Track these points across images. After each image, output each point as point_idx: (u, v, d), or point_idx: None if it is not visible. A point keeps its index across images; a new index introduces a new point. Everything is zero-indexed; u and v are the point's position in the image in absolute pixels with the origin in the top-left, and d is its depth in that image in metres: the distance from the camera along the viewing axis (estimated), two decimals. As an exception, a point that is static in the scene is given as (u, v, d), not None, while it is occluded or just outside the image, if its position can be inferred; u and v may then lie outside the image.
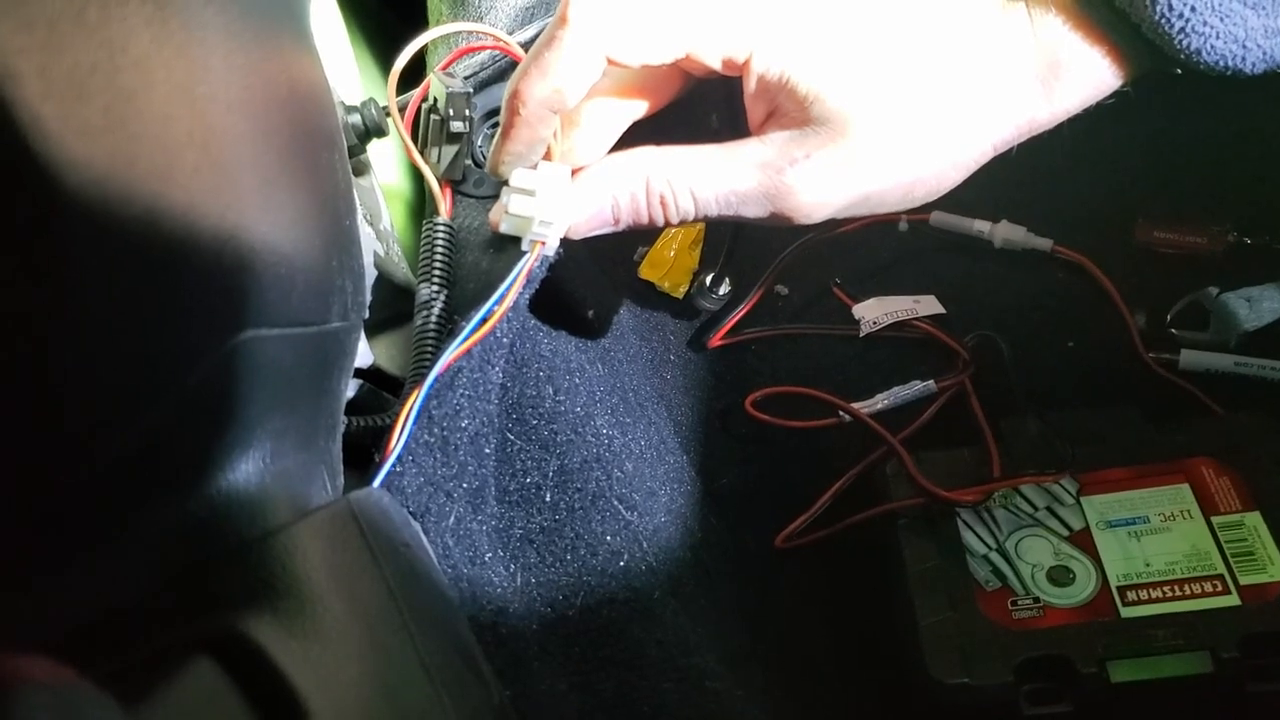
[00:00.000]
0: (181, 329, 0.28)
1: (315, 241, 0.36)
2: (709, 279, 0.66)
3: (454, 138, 0.50)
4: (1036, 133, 0.46)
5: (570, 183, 0.45)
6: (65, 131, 0.21)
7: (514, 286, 0.46)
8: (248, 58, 0.30)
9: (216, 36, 0.28)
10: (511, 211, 0.45)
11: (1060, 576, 0.54)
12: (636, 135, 0.47)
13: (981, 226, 0.67)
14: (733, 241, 0.62)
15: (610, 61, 0.42)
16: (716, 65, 0.43)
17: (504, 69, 0.55)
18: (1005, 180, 0.69)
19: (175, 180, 0.25)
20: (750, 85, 0.43)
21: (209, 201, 0.27)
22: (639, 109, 0.46)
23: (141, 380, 0.27)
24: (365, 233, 0.49)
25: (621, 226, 0.46)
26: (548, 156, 0.45)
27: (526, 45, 0.52)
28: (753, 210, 0.45)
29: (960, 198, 0.68)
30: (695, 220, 0.46)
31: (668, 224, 0.46)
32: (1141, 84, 0.70)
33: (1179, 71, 0.43)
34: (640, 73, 0.45)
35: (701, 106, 0.52)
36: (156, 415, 0.29)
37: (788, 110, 0.43)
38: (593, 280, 0.60)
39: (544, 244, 0.46)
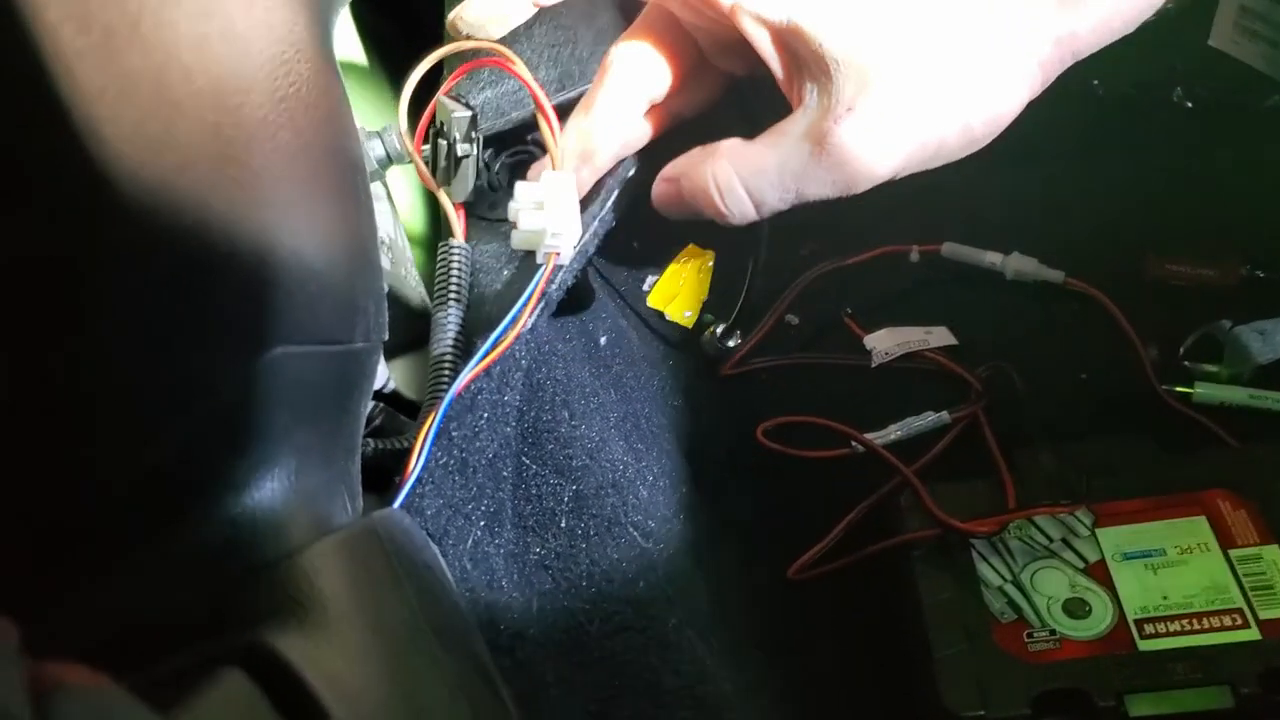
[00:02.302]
0: (217, 342, 0.28)
1: (342, 261, 0.36)
2: (720, 329, 0.66)
3: (462, 161, 0.50)
4: (1083, 54, 0.44)
5: (575, 190, 0.46)
6: (120, 137, 0.21)
7: (530, 303, 0.46)
8: (287, 76, 0.30)
9: (259, 51, 0.28)
10: (522, 227, 0.45)
11: (1076, 609, 0.53)
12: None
13: (993, 258, 0.67)
14: (745, 296, 0.62)
15: None
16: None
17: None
18: (1017, 212, 0.70)
19: (220, 192, 0.25)
20: (764, 46, 0.42)
21: (250, 215, 0.27)
22: (655, 94, 0.46)
23: (175, 393, 0.27)
24: (383, 256, 0.49)
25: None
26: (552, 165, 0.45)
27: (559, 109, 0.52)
28: (815, 187, 0.44)
29: (972, 229, 0.69)
30: (761, 216, 0.46)
31: (728, 223, 0.46)
32: (1157, 118, 0.71)
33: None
34: (657, 65, 0.45)
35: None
36: (187, 429, 0.29)
37: (817, 77, 0.42)
38: (605, 306, 0.60)
39: (558, 254, 0.46)
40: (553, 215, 0.45)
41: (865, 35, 0.41)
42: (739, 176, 0.45)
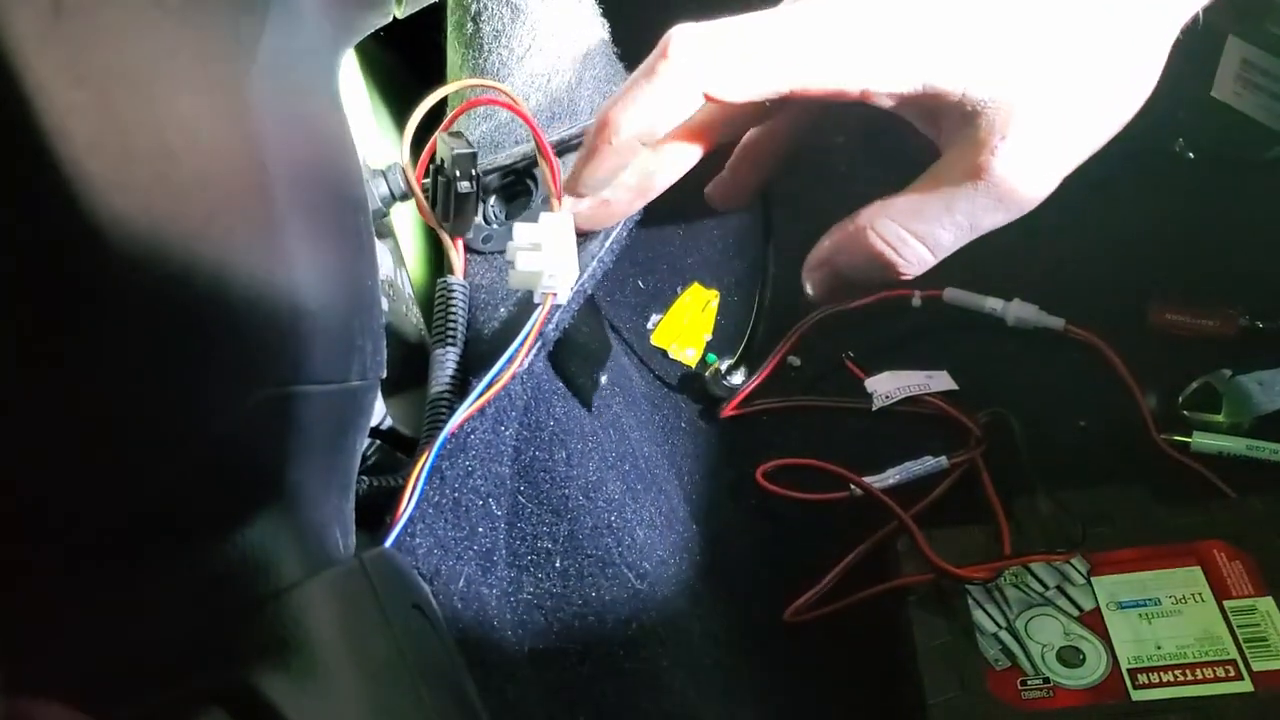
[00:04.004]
0: (208, 384, 0.28)
1: (340, 301, 0.36)
2: (724, 366, 0.67)
3: (461, 198, 0.50)
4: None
5: (574, 232, 0.46)
6: (111, 188, 0.21)
7: (525, 343, 0.47)
8: (288, 120, 0.30)
9: (259, 98, 0.28)
10: (519, 268, 0.46)
11: (1070, 657, 0.53)
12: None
13: (994, 304, 0.68)
14: (751, 335, 0.63)
15: (708, 98, 0.42)
16: (825, 94, 0.42)
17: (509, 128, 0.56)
18: (1019, 259, 0.70)
19: (212, 237, 0.26)
20: (904, 111, 0.43)
21: (243, 259, 0.27)
22: (723, 136, 0.46)
23: (166, 432, 0.28)
24: (383, 294, 0.49)
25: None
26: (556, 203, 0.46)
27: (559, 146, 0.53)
28: (988, 218, 0.45)
29: (973, 275, 0.69)
30: (938, 259, 0.47)
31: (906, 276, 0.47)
32: (1159, 167, 0.71)
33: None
34: (732, 119, 0.45)
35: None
36: (178, 466, 0.29)
37: (963, 120, 0.43)
38: (606, 345, 0.61)
39: (555, 295, 0.47)
40: (550, 257, 0.45)
41: (1003, 72, 0.41)
42: (905, 229, 0.45)
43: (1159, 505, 0.58)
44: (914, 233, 0.45)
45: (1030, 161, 0.43)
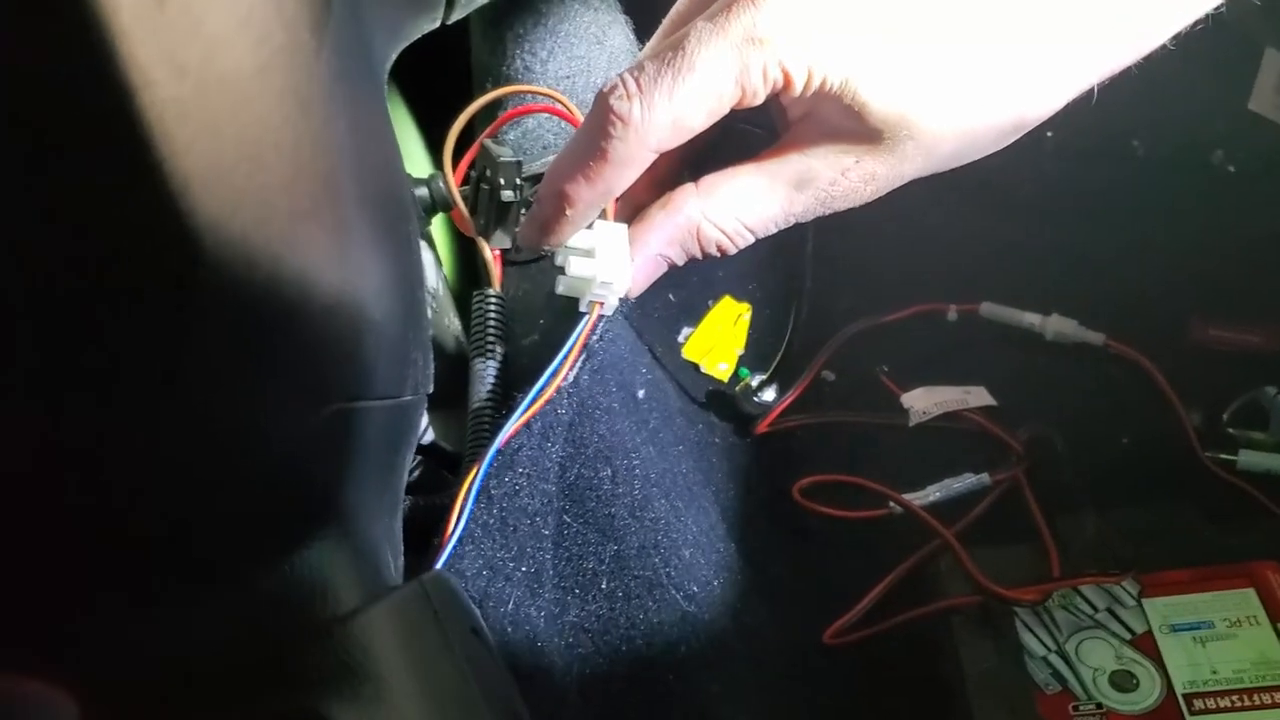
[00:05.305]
0: (277, 398, 0.27)
1: (398, 313, 0.35)
2: (756, 381, 0.65)
3: (504, 207, 0.49)
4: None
5: (627, 241, 0.45)
6: (207, 190, 0.20)
7: (572, 353, 0.45)
8: (352, 123, 0.29)
9: (330, 97, 0.27)
10: (571, 273, 0.44)
11: (1124, 682, 0.52)
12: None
13: (1032, 319, 0.67)
14: (785, 350, 0.61)
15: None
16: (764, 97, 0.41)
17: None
18: (1057, 273, 0.69)
19: (296, 243, 0.24)
20: (794, 92, 0.40)
21: (322, 267, 0.26)
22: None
23: (231, 449, 0.26)
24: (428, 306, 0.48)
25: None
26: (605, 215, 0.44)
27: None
28: (810, 216, 0.44)
29: (1011, 290, 0.68)
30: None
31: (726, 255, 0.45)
32: (1198, 180, 0.70)
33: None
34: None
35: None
36: (240, 485, 0.28)
37: (829, 114, 0.41)
38: (643, 359, 0.59)
39: (602, 304, 0.45)
40: (604, 264, 0.44)
41: (906, 101, 0.40)
42: (741, 220, 0.44)
43: (1208, 525, 0.57)
44: (748, 225, 0.44)
45: (876, 185, 0.43)
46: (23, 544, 0.24)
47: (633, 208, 0.47)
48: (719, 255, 0.45)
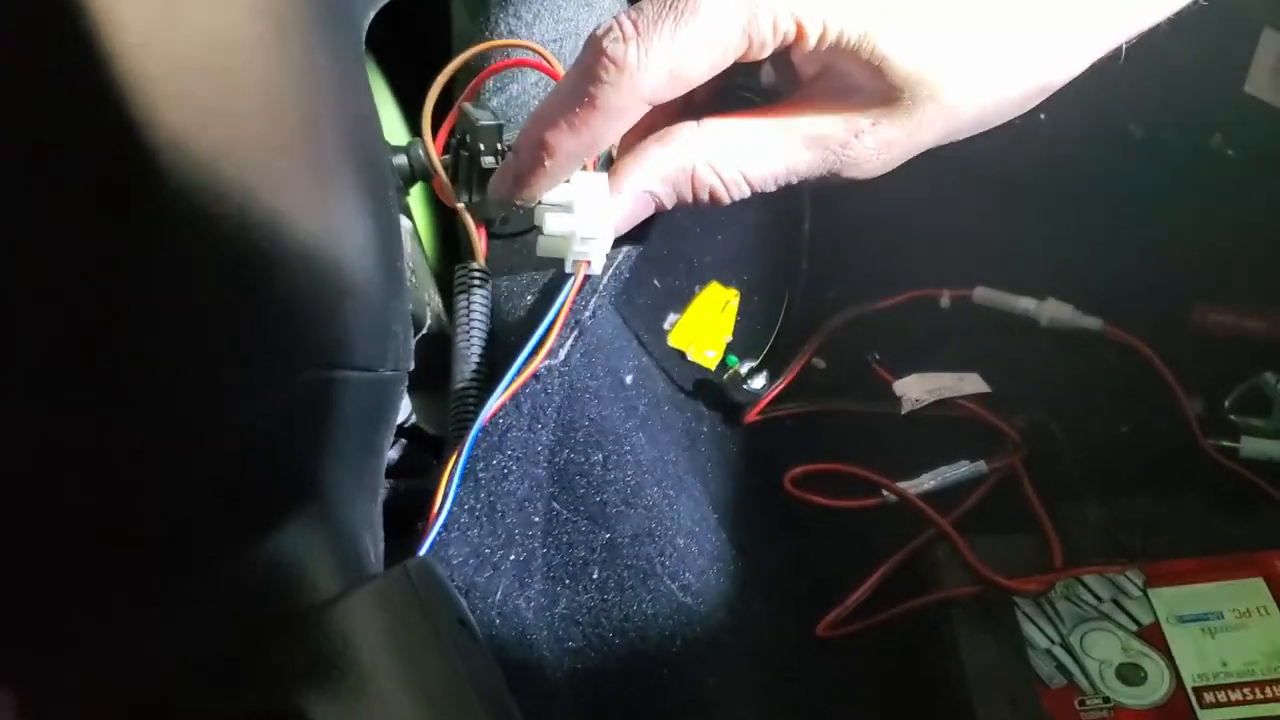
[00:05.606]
0: (252, 359, 0.24)
1: (378, 279, 0.33)
2: (745, 369, 0.63)
3: (486, 174, 0.46)
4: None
5: (608, 191, 0.42)
6: (167, 97, 0.18)
7: (559, 318, 0.43)
8: (334, 64, 0.27)
9: (313, 30, 0.24)
10: (548, 231, 0.42)
11: (1131, 675, 0.50)
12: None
13: (1027, 304, 0.65)
14: (777, 336, 0.59)
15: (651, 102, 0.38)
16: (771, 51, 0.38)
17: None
18: (1052, 257, 0.67)
19: (271, 178, 0.22)
20: (807, 46, 0.38)
21: (295, 214, 0.23)
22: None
23: (205, 410, 0.24)
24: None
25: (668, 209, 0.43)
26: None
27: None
28: (811, 178, 0.41)
29: (1005, 275, 0.66)
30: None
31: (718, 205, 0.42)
32: (1196, 164, 0.69)
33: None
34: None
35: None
36: (213, 461, 0.25)
37: (846, 71, 0.39)
38: (629, 343, 0.57)
39: (589, 264, 0.43)
40: (583, 218, 0.41)
41: (926, 61, 0.38)
42: (742, 172, 0.41)
43: (1212, 513, 0.56)
44: (748, 176, 0.42)
45: (885, 155, 0.41)
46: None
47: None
48: (709, 204, 0.42)
